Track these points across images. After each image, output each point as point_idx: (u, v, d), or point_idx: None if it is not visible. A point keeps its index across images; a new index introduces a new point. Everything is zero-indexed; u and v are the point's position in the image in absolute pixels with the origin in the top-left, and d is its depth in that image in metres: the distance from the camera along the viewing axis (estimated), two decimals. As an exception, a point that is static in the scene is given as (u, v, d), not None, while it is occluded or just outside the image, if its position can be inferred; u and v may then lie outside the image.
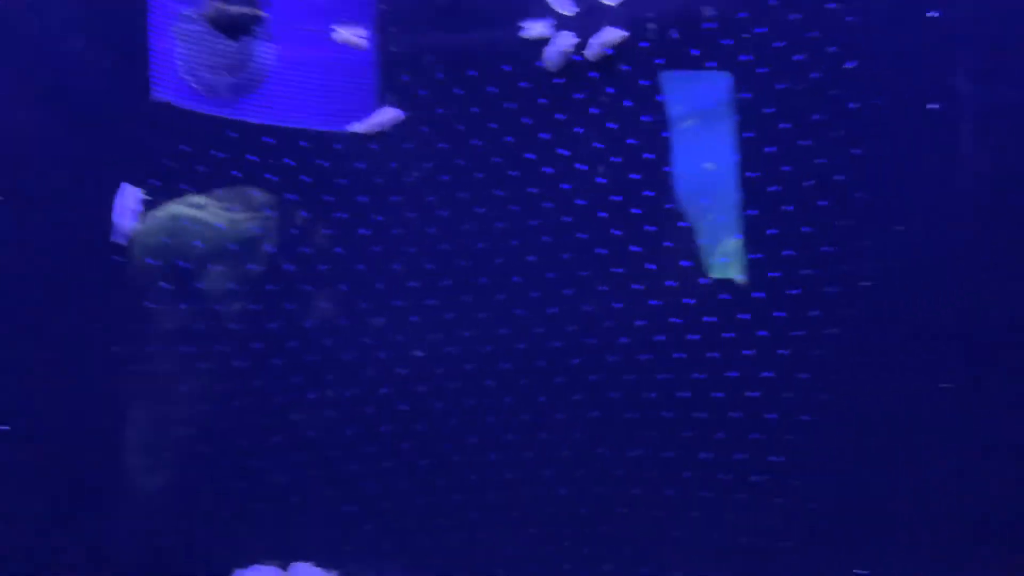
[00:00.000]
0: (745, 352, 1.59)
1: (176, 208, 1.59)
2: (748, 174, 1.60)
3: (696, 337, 1.60)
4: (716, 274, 1.61)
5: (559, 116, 1.62)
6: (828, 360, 1.58)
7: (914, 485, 1.57)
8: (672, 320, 1.61)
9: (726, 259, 1.62)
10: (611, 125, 1.61)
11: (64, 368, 1.60)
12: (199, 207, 1.60)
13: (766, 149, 1.59)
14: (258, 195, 1.61)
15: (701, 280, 1.61)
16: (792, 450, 1.58)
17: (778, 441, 1.58)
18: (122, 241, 1.57)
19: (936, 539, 1.56)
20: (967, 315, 1.54)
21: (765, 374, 1.58)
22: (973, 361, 1.55)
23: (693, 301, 1.61)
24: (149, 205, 1.58)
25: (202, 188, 1.60)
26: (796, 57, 1.57)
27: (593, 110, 1.62)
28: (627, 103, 1.61)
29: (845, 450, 1.58)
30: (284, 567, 1.61)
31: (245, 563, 1.61)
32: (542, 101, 1.62)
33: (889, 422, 1.57)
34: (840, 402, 1.58)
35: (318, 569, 1.61)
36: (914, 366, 1.55)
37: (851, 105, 1.57)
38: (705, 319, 1.60)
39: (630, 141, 1.61)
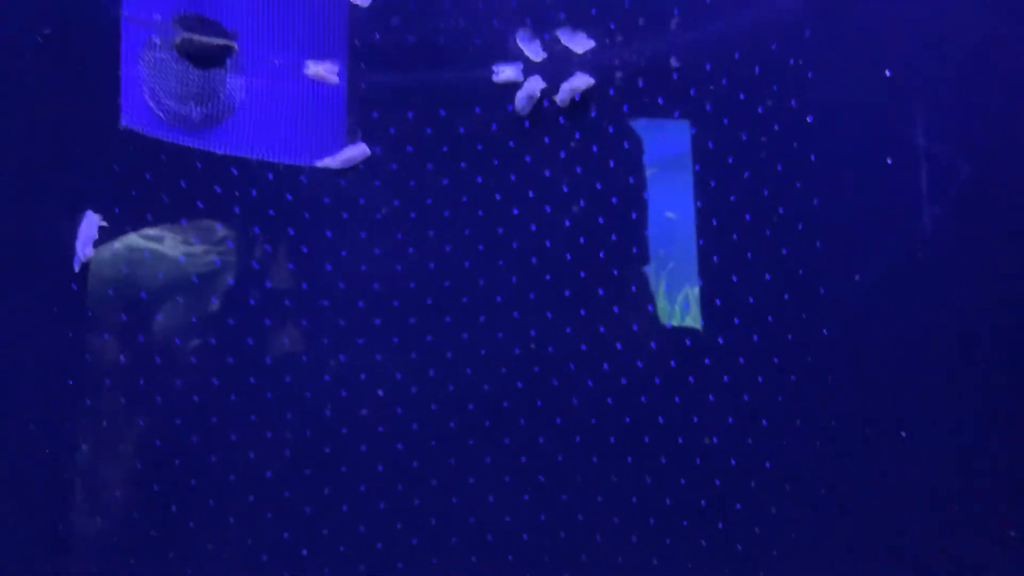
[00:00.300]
0: (708, 397, 1.61)
1: (135, 239, 1.55)
2: (710, 222, 1.63)
3: (659, 381, 1.61)
4: (676, 321, 1.63)
5: (527, 158, 1.64)
6: (789, 406, 1.60)
7: (875, 531, 1.59)
8: (637, 364, 1.61)
9: (687, 306, 1.64)
10: (578, 169, 1.63)
11: (17, 399, 1.53)
12: (159, 239, 1.56)
13: (729, 198, 1.63)
14: (221, 227, 1.58)
15: (666, 324, 1.62)
16: (754, 497, 1.59)
17: (739, 487, 1.60)
18: (76, 267, 1.53)
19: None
20: (925, 364, 1.58)
21: (729, 419, 1.60)
22: (932, 406, 1.59)
23: (656, 345, 1.62)
24: (109, 234, 1.54)
25: (165, 217, 1.56)
26: (759, 109, 1.62)
27: (561, 153, 1.64)
28: (594, 148, 1.64)
29: (806, 498, 1.60)
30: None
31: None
32: (511, 143, 1.63)
33: (849, 469, 1.59)
34: (800, 449, 1.59)
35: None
36: (874, 413, 1.58)
37: (811, 157, 1.62)
38: (669, 363, 1.61)
39: (597, 185, 1.63)
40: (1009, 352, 1.60)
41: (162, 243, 1.57)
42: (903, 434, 1.58)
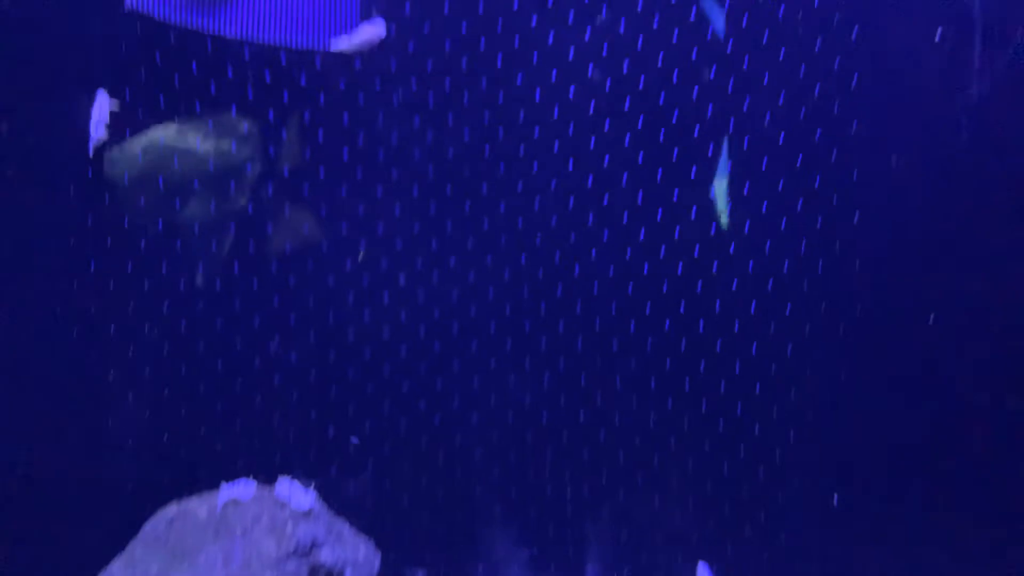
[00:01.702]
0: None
1: (150, 128, 1.52)
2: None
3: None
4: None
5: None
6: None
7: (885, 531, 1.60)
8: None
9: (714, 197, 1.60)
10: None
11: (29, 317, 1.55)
12: (172, 126, 1.52)
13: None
14: (234, 112, 1.54)
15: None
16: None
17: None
18: (90, 151, 1.51)
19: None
20: (957, 372, 1.55)
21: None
22: (953, 419, 1.55)
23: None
24: (120, 119, 1.51)
25: (177, 102, 1.52)
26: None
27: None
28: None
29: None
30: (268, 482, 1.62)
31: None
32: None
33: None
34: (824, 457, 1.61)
35: (298, 484, 1.63)
36: (905, 421, 1.58)
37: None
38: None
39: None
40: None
41: (175, 129, 1.53)
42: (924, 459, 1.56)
